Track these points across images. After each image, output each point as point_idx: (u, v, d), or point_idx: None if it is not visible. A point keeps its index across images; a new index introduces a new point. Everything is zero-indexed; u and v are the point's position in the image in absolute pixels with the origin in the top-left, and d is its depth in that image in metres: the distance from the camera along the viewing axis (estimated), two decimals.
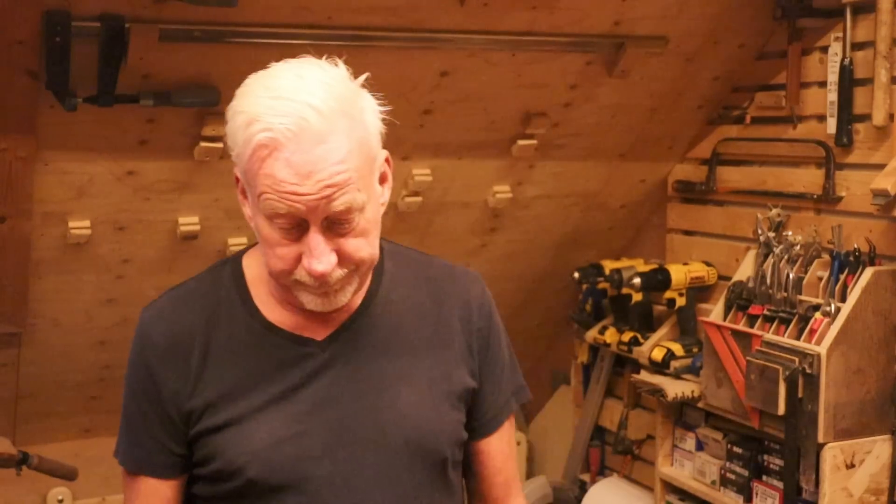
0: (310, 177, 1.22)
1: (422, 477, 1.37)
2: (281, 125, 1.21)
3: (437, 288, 1.46)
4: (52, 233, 2.50)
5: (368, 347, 1.38)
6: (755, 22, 2.75)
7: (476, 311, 1.46)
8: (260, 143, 1.22)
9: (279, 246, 1.28)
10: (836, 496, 2.31)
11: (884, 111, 2.38)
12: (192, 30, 2.19)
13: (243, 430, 1.33)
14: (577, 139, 2.94)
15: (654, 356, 2.91)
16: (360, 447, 1.34)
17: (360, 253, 1.29)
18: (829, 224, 2.54)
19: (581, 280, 3.19)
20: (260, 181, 1.25)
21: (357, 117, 1.28)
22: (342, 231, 1.27)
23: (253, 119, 1.23)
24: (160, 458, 1.38)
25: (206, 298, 1.40)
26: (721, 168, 2.97)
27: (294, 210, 1.23)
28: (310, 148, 1.22)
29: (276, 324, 1.37)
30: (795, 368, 2.33)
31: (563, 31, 2.57)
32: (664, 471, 2.93)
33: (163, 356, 1.36)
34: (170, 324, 1.38)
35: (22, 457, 2.50)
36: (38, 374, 2.85)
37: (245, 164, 1.26)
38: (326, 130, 1.23)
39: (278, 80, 1.27)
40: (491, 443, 1.49)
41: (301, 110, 1.22)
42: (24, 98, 2.17)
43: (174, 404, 1.36)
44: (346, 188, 1.24)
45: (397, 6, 2.33)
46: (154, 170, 2.47)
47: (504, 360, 1.50)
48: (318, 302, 1.31)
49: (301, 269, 1.28)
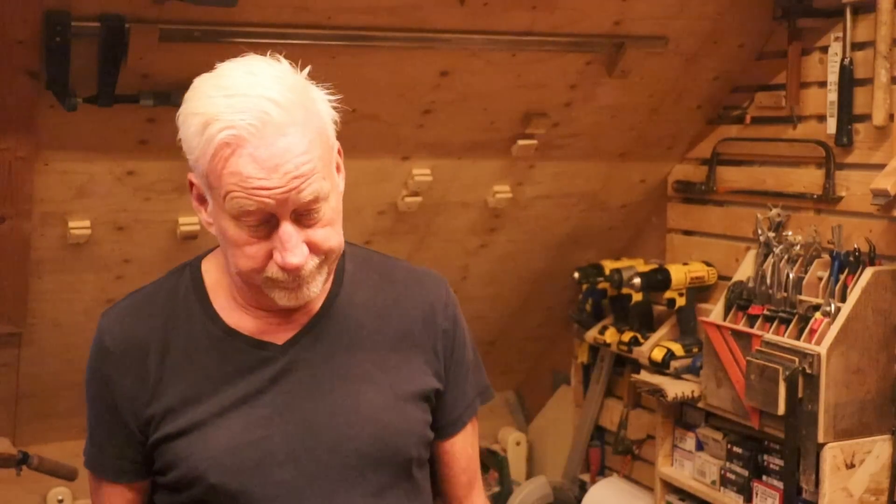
0: (276, 170, 1.22)
1: (387, 478, 1.37)
2: (242, 121, 1.21)
3: (400, 290, 1.45)
4: (52, 233, 2.50)
5: (330, 350, 1.37)
6: (755, 22, 2.75)
7: (440, 313, 1.45)
8: (222, 142, 1.21)
9: (247, 245, 1.26)
10: (836, 496, 2.31)
11: (884, 111, 2.38)
12: (192, 30, 2.19)
13: (203, 436, 1.31)
14: (577, 139, 2.94)
15: (654, 356, 2.91)
16: (323, 450, 1.33)
17: (328, 242, 1.29)
18: (829, 224, 2.54)
19: (581, 280, 3.19)
20: (225, 181, 1.23)
21: (312, 108, 1.28)
22: (310, 222, 1.26)
23: (211, 119, 1.22)
24: (119, 464, 1.38)
25: (164, 304, 1.38)
26: (721, 168, 2.97)
27: (263, 205, 1.22)
28: (273, 141, 1.22)
29: (235, 328, 1.36)
30: (795, 368, 2.33)
31: (563, 31, 2.57)
32: (664, 471, 2.93)
33: (118, 362, 1.35)
34: (125, 329, 1.37)
35: (22, 457, 2.50)
36: (38, 374, 2.85)
37: (206, 166, 1.24)
38: (287, 122, 1.23)
39: (229, 79, 1.26)
40: (455, 443, 1.48)
41: (260, 104, 1.22)
42: (24, 98, 2.17)
43: (131, 411, 1.34)
44: (311, 178, 1.24)
45: (397, 6, 2.33)
46: (154, 170, 2.47)
47: (468, 362, 1.49)
48: (290, 296, 1.29)
49: (272, 266, 1.27)
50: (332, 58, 2.38)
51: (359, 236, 2.84)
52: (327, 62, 2.38)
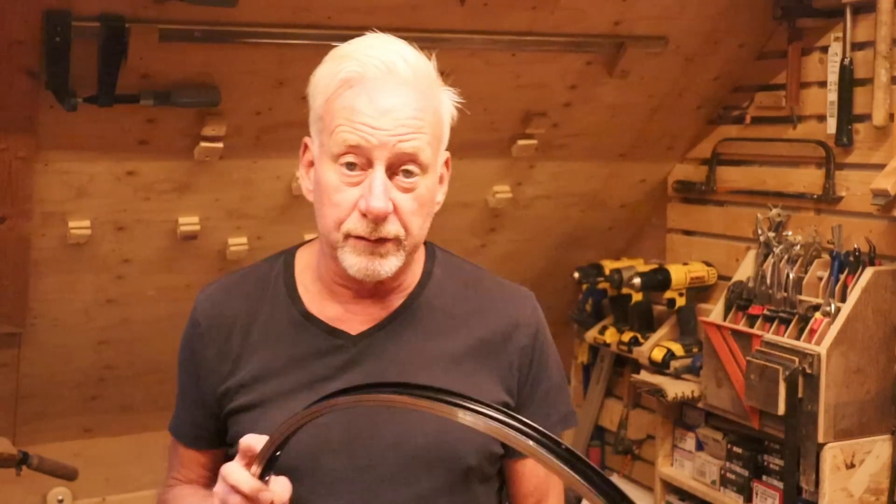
0: (387, 114, 1.26)
1: (440, 483, 1.35)
2: (371, 63, 1.27)
3: (484, 301, 1.45)
4: (52, 233, 2.50)
5: (401, 347, 1.38)
6: (755, 22, 2.75)
7: (521, 329, 1.44)
8: (345, 79, 1.28)
9: (337, 192, 1.29)
10: (836, 496, 2.31)
11: (884, 111, 2.38)
12: (192, 30, 2.19)
13: (267, 412, 1.34)
14: (577, 139, 2.94)
15: (654, 356, 2.91)
16: (379, 445, 1.34)
17: (412, 217, 1.30)
18: (829, 224, 2.54)
19: (581, 280, 3.19)
20: (336, 115, 1.28)
21: (435, 91, 1.34)
22: (403, 184, 1.29)
23: (344, 58, 1.29)
24: (195, 432, 1.45)
25: (255, 284, 1.43)
26: (721, 168, 2.97)
27: (365, 141, 1.25)
28: (392, 88, 1.27)
29: (314, 314, 1.39)
30: (795, 368, 2.33)
31: (563, 31, 2.57)
32: (664, 471, 2.93)
33: (205, 335, 1.41)
34: (215, 305, 1.43)
35: (22, 457, 2.49)
36: (38, 374, 2.85)
37: (323, 104, 1.30)
38: (411, 81, 1.28)
39: (372, 39, 1.33)
40: (525, 464, 1.45)
41: (393, 58, 1.28)
42: (24, 98, 2.17)
43: (211, 383, 1.40)
44: (417, 134, 1.28)
45: (397, 6, 2.33)
46: (154, 170, 2.47)
47: (550, 384, 1.46)
48: (363, 263, 1.30)
49: (354, 217, 1.28)
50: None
51: None
52: None
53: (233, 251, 2.71)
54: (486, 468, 1.41)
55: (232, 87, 2.35)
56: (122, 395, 3.02)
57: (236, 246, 2.71)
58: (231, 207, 2.64)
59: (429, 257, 1.45)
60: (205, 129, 2.38)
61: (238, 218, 2.68)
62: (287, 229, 2.75)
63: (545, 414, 1.45)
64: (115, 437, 3.13)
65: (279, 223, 2.74)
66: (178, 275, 2.75)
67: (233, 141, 2.45)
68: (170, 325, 2.87)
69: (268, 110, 2.45)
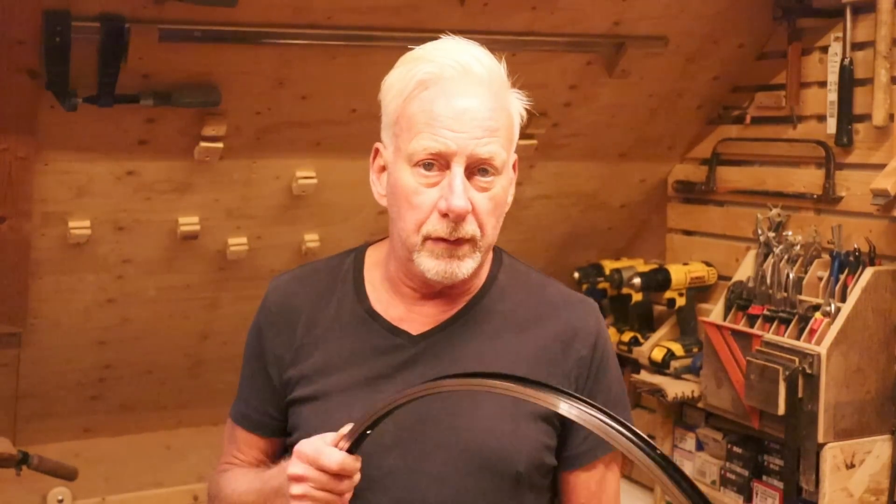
0: (464, 114, 1.28)
1: (489, 488, 1.35)
2: (447, 64, 1.29)
3: (547, 309, 1.45)
4: (52, 233, 2.50)
5: (460, 350, 1.38)
6: (755, 22, 2.75)
7: (582, 339, 1.43)
8: (421, 80, 1.30)
9: (416, 194, 1.31)
10: (836, 496, 2.31)
11: (884, 111, 2.38)
12: (192, 30, 2.19)
13: (324, 406, 1.38)
14: (577, 139, 2.94)
15: (654, 356, 2.91)
16: (430, 446, 1.35)
17: (487, 216, 1.32)
18: (829, 224, 2.54)
19: (581, 280, 3.19)
20: (415, 119, 1.30)
21: (508, 97, 1.36)
22: (479, 184, 1.31)
23: (419, 60, 1.31)
24: (258, 418, 1.48)
25: (325, 278, 1.46)
26: (721, 168, 2.97)
27: (445, 147, 1.28)
28: (468, 89, 1.29)
29: (378, 311, 1.41)
30: (795, 368, 2.33)
31: (562, 32, 2.57)
32: None
33: (273, 322, 1.45)
34: (285, 294, 1.46)
35: (22, 457, 2.49)
36: (38, 374, 2.85)
37: (399, 108, 1.32)
38: (486, 82, 1.31)
39: (446, 41, 1.35)
40: (578, 476, 1.44)
41: (468, 58, 1.31)
42: (24, 98, 2.17)
43: (276, 368, 1.43)
44: (494, 137, 1.30)
45: (397, 6, 2.33)
46: (154, 170, 2.47)
47: (608, 396, 1.44)
48: (442, 266, 1.32)
49: (433, 218, 1.30)
50: (332, 58, 2.38)
51: (359, 236, 2.84)
52: (327, 62, 2.38)
53: (233, 251, 2.71)
54: (536, 478, 1.40)
55: (232, 87, 2.35)
56: (122, 395, 3.02)
57: (236, 246, 2.71)
58: (231, 207, 2.64)
59: (495, 262, 1.47)
60: (205, 129, 2.38)
61: (238, 218, 2.68)
62: (287, 229, 2.75)
63: None
64: (115, 437, 3.13)
65: (279, 223, 2.74)
66: (178, 275, 2.75)
67: (233, 141, 2.45)
68: (170, 325, 2.88)
69: (268, 110, 2.45)
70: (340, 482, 1.24)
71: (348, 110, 2.54)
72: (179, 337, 2.93)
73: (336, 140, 2.60)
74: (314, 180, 2.63)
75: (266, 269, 2.80)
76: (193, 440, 3.23)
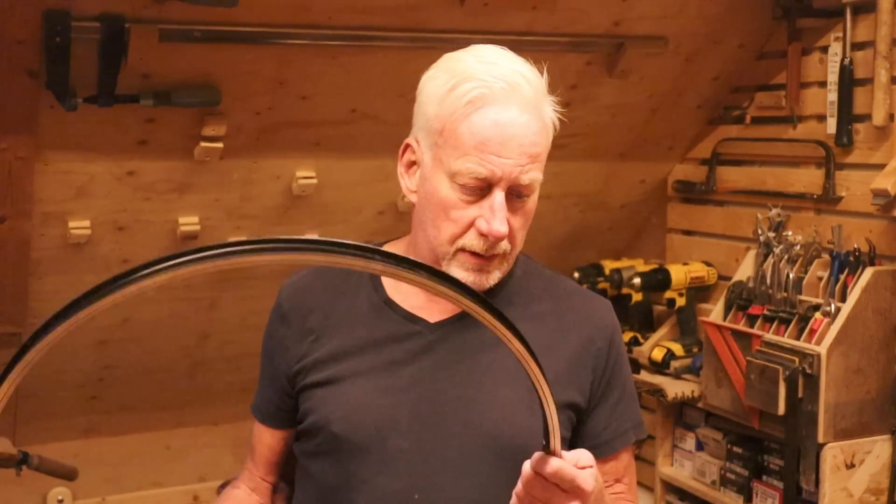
0: (513, 140, 1.29)
1: (503, 474, 1.35)
2: (496, 83, 1.29)
3: (562, 302, 1.48)
4: (52, 233, 2.49)
5: (476, 340, 1.39)
6: (755, 22, 2.75)
7: (597, 331, 1.47)
8: (471, 100, 1.29)
9: (454, 209, 1.32)
10: (836, 496, 2.31)
11: (884, 111, 2.38)
12: (192, 30, 2.19)
13: (339, 389, 1.39)
14: (576, 139, 2.94)
15: (654, 356, 2.91)
16: (446, 431, 1.36)
17: (519, 232, 1.37)
18: (829, 224, 2.54)
19: (581, 280, 3.18)
20: (463, 140, 1.30)
21: (547, 106, 1.36)
22: (517, 205, 1.34)
23: (465, 78, 1.30)
24: (268, 408, 1.50)
25: (340, 272, 1.48)
26: (721, 168, 2.97)
27: (491, 173, 1.29)
28: (519, 111, 1.30)
29: (394, 300, 1.43)
30: (795, 368, 2.33)
31: (562, 31, 2.57)
32: (664, 471, 2.93)
33: (285, 315, 1.47)
34: (299, 289, 1.49)
35: (22, 457, 2.49)
36: (38, 374, 2.83)
37: (444, 122, 1.31)
38: (532, 101, 1.32)
39: (482, 51, 1.35)
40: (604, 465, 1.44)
41: (514, 75, 1.31)
42: (24, 98, 2.17)
43: (287, 360, 1.45)
44: (535, 163, 1.32)
45: (397, 6, 2.33)
46: (154, 170, 2.47)
47: (624, 390, 1.48)
48: (472, 278, 1.34)
49: (471, 234, 1.33)
50: (332, 58, 2.38)
51: (359, 236, 2.84)
52: (327, 62, 2.38)
53: None
54: None
55: (232, 87, 2.35)
56: (122, 395, 3.02)
57: None
58: (231, 207, 2.64)
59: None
60: (205, 129, 2.38)
61: (238, 218, 2.68)
62: (287, 229, 2.75)
63: (620, 418, 1.46)
64: (115, 437, 3.13)
65: (279, 223, 2.74)
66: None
67: (233, 141, 2.45)
68: (170, 325, 2.87)
69: (268, 110, 2.45)
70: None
71: (348, 110, 2.54)
72: (179, 337, 2.93)
73: (336, 140, 2.60)
74: (314, 180, 2.63)
75: (266, 269, 2.79)
76: (193, 440, 3.23)
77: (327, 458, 1.40)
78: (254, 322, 1.58)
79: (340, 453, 1.38)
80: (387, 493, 1.35)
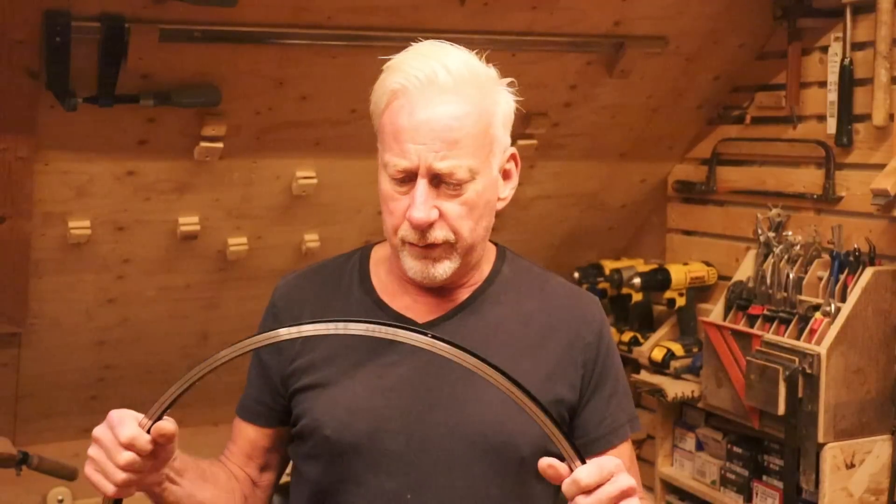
0: (425, 125, 1.31)
1: (494, 474, 1.37)
2: (412, 74, 1.32)
3: (551, 300, 1.48)
4: (52, 233, 2.49)
5: (466, 340, 1.38)
6: (755, 22, 2.75)
7: (586, 327, 1.47)
8: (392, 90, 1.34)
9: (392, 200, 1.35)
10: (836, 496, 2.31)
11: (884, 111, 2.38)
12: (192, 30, 2.19)
13: (331, 392, 1.40)
14: (577, 139, 2.94)
15: (654, 356, 2.91)
16: (436, 431, 1.37)
17: (458, 221, 1.35)
18: (829, 224, 2.54)
19: (581, 280, 3.18)
20: (385, 130, 1.35)
21: (485, 95, 1.37)
22: (448, 192, 1.34)
23: (390, 73, 1.35)
24: (254, 407, 1.51)
25: (331, 273, 1.50)
26: (721, 168, 2.97)
27: (408, 164, 1.32)
28: (431, 99, 1.31)
29: (385, 301, 1.44)
30: (795, 368, 2.33)
31: (562, 32, 2.57)
32: (664, 471, 2.93)
33: (277, 315, 1.48)
34: (291, 290, 1.51)
35: (22, 457, 2.49)
36: (38, 374, 2.85)
37: (379, 117, 1.37)
38: (451, 90, 1.32)
39: (424, 46, 1.38)
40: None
41: (433, 66, 1.33)
42: (24, 98, 2.17)
43: (279, 360, 1.45)
44: (455, 149, 1.32)
45: (397, 6, 2.33)
46: (154, 170, 2.47)
47: (617, 385, 1.48)
48: (419, 267, 1.37)
49: (405, 225, 1.35)
50: (332, 58, 2.38)
51: (359, 236, 2.84)
52: (327, 62, 2.38)
53: (233, 251, 2.71)
54: None
55: (232, 87, 2.35)
56: (122, 395, 3.02)
57: (236, 246, 2.71)
58: (231, 207, 2.64)
59: (499, 257, 1.50)
60: (205, 129, 2.38)
61: (238, 218, 2.68)
62: (287, 229, 2.75)
63: (615, 412, 1.47)
64: None
65: (279, 223, 2.74)
66: (178, 275, 2.75)
67: (233, 141, 2.45)
68: (170, 325, 2.87)
69: (268, 110, 2.45)
70: (121, 453, 1.26)
71: (348, 110, 2.54)
72: (179, 337, 2.93)
73: (336, 140, 2.60)
74: (314, 180, 2.63)
75: (266, 269, 2.80)
76: (193, 440, 3.22)
77: (320, 461, 1.40)
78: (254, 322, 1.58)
79: (333, 455, 1.38)
80: (379, 494, 1.36)
